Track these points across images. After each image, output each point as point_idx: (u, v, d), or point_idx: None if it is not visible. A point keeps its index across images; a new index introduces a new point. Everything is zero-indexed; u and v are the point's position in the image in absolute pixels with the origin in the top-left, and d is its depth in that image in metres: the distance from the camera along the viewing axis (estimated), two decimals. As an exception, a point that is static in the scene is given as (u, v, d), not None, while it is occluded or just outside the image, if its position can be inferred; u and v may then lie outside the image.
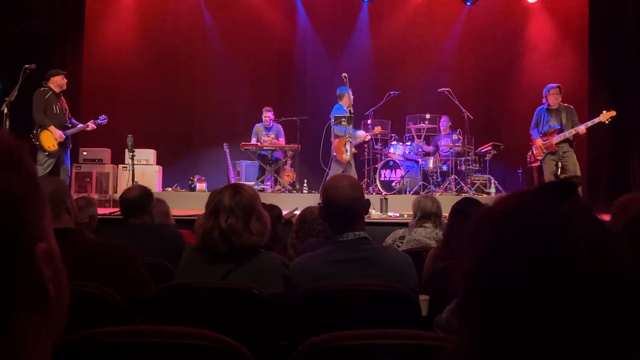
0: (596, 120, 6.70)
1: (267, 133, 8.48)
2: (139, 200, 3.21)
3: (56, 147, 6.57)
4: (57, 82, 6.68)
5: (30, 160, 0.57)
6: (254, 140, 8.41)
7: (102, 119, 7.09)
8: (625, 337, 0.61)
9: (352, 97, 7.56)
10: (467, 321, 0.68)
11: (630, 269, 0.64)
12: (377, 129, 8.18)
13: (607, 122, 6.69)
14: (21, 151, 0.55)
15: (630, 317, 0.62)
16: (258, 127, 8.55)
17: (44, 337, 0.56)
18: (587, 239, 0.64)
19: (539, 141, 6.91)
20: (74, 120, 6.94)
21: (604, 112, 6.70)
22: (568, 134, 6.68)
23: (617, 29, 8.49)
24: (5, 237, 0.51)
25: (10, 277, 0.52)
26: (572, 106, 6.93)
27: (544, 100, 6.93)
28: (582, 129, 6.67)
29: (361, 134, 8.19)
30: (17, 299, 0.52)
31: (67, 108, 6.84)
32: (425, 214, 3.61)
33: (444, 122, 8.90)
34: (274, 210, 3.50)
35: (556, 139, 6.72)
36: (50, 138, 6.54)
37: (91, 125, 6.97)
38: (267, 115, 8.49)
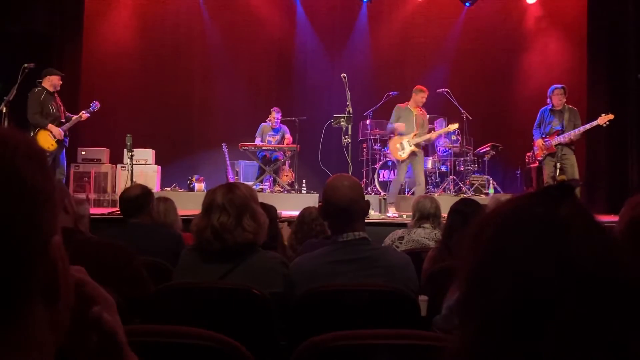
0: (594, 123, 6.65)
1: (274, 134, 8.48)
2: (138, 199, 3.20)
3: (55, 145, 6.56)
4: (53, 82, 6.66)
5: (47, 158, 0.61)
6: (258, 140, 8.39)
7: (94, 106, 7.00)
8: (624, 335, 0.62)
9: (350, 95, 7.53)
10: (468, 321, 0.68)
11: (628, 270, 0.65)
12: (454, 126, 7.65)
13: (605, 125, 6.65)
14: (44, 154, 0.60)
15: (629, 316, 0.62)
16: (264, 126, 8.53)
17: (51, 335, 0.56)
18: (586, 240, 0.65)
19: (539, 142, 6.91)
20: (69, 114, 6.91)
21: (602, 115, 6.66)
22: (568, 136, 6.66)
23: (615, 29, 8.50)
24: (29, 224, 0.54)
25: (27, 265, 0.53)
26: (575, 108, 6.89)
27: (548, 101, 6.90)
28: (575, 133, 6.61)
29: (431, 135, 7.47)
30: (31, 291, 0.54)
31: (61, 105, 6.82)
32: (424, 215, 3.61)
33: (439, 125, 8.89)
34: (271, 210, 3.49)
35: (556, 140, 6.72)
36: (48, 138, 6.53)
37: (84, 114, 6.90)
38: (276, 116, 8.47)
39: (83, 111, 6.93)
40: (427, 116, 7.46)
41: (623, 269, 0.65)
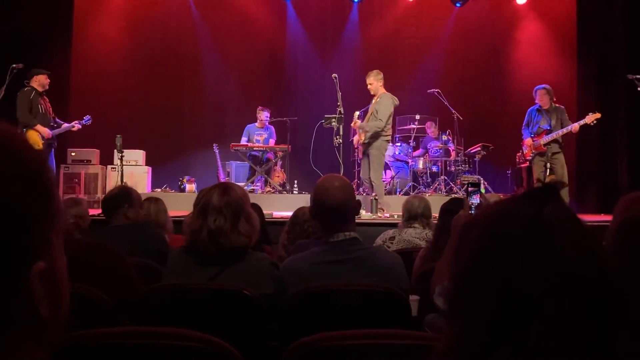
0: (582, 122, 6.68)
1: (262, 132, 8.46)
2: (115, 198, 3.18)
3: (41, 147, 6.51)
4: (40, 82, 6.64)
5: (49, 172, 0.55)
6: (244, 140, 8.37)
7: (87, 120, 7.05)
8: (608, 332, 0.63)
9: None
10: (456, 320, 0.69)
11: (611, 268, 0.66)
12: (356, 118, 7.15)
13: (592, 124, 6.67)
14: (41, 162, 0.54)
15: (612, 313, 0.64)
16: (250, 127, 8.51)
17: (36, 356, 0.54)
18: (570, 240, 0.66)
19: (528, 141, 6.96)
20: (58, 120, 6.90)
21: (590, 114, 6.68)
22: (556, 135, 6.70)
23: (605, 30, 8.56)
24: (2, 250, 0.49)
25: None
26: (562, 106, 6.93)
27: (535, 100, 6.95)
28: (575, 126, 6.63)
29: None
30: (5, 319, 0.51)
31: (50, 107, 6.80)
32: (412, 215, 3.61)
33: (430, 128, 8.91)
34: (258, 210, 3.47)
35: (544, 139, 6.75)
36: (36, 138, 6.49)
37: (77, 125, 6.95)
38: (264, 115, 8.43)
39: (76, 122, 6.93)
40: (383, 101, 6.73)
41: (606, 267, 0.66)
